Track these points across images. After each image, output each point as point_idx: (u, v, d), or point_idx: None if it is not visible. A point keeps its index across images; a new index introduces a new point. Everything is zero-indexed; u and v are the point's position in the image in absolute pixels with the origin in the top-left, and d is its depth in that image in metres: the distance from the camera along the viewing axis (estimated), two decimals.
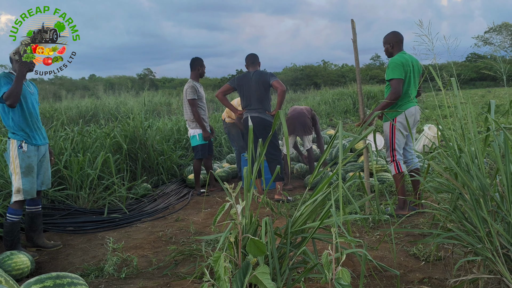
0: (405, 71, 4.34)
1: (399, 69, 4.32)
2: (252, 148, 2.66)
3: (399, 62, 4.34)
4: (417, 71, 4.47)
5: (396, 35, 4.57)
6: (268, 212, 4.96)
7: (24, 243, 4.05)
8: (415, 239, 3.71)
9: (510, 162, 2.28)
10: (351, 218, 2.28)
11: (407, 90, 4.40)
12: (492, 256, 2.23)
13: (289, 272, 2.29)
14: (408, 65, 4.37)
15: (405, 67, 4.34)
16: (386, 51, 4.66)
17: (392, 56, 4.57)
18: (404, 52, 4.52)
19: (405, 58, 4.40)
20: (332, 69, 48.75)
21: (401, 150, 4.51)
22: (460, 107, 2.62)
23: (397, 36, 4.57)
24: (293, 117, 6.76)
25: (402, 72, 4.32)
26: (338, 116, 17.30)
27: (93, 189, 5.43)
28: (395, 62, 4.36)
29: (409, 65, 4.38)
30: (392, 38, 4.57)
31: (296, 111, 6.90)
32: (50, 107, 13.50)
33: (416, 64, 4.46)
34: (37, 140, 3.91)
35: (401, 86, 4.33)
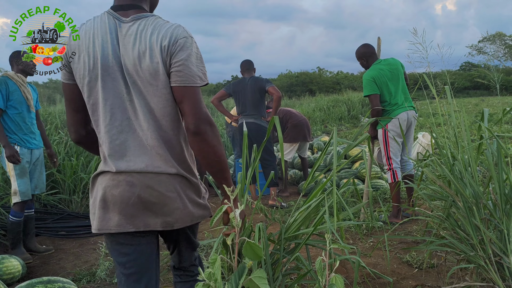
0: (379, 83, 4.36)
1: (371, 85, 4.36)
2: (246, 154, 2.66)
3: (370, 78, 4.37)
4: (397, 74, 4.46)
5: (367, 48, 4.60)
6: (262, 218, 4.95)
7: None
8: (408, 246, 3.72)
9: (503, 170, 2.29)
10: (344, 224, 2.28)
11: (390, 98, 4.41)
12: (485, 264, 2.24)
13: (282, 278, 2.28)
14: (383, 75, 4.38)
15: (378, 79, 4.36)
16: (361, 65, 4.69)
17: (368, 68, 4.59)
18: (379, 61, 4.53)
19: (378, 69, 4.41)
20: (327, 76, 48.86)
21: (397, 157, 4.50)
22: (453, 115, 2.64)
23: (368, 49, 4.59)
24: (301, 122, 6.60)
25: (375, 87, 4.36)
26: (332, 123, 17.36)
27: (86, 193, 5.40)
28: (366, 79, 4.40)
29: (384, 74, 4.39)
30: (364, 53, 4.60)
31: (301, 115, 6.78)
32: (44, 111, 13.42)
33: (394, 67, 4.46)
34: (31, 144, 3.90)
35: (378, 100, 4.36)
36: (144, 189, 1.61)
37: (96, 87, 1.63)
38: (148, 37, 1.57)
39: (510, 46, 54.86)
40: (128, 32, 1.60)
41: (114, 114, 1.62)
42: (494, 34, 54.21)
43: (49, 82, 34.87)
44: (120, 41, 1.60)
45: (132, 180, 1.61)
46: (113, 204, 1.62)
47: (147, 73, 1.58)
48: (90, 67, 1.63)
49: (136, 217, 1.63)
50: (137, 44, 1.58)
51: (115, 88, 1.61)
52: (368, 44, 4.62)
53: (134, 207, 1.62)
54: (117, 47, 1.60)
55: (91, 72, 1.62)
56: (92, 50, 1.63)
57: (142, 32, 1.58)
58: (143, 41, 1.57)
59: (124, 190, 1.61)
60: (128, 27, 1.61)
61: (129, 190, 1.60)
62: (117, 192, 1.61)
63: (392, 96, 4.41)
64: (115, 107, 1.61)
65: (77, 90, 1.70)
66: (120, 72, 1.61)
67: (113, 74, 1.61)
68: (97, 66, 1.61)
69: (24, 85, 3.86)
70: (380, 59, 4.56)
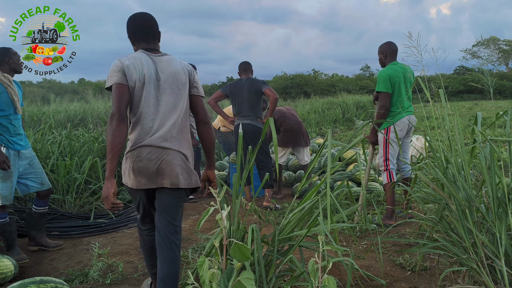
0: (393, 83, 4.41)
1: (386, 83, 4.40)
2: (241, 154, 2.65)
3: (386, 76, 4.41)
4: (409, 81, 4.53)
5: (390, 46, 4.64)
6: (256, 219, 4.95)
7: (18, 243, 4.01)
8: (401, 249, 3.73)
9: (496, 174, 2.31)
10: (338, 226, 2.29)
11: (396, 101, 4.45)
12: (477, 267, 2.25)
13: (275, 280, 2.29)
14: (398, 76, 4.43)
15: (393, 79, 4.40)
16: (379, 60, 4.74)
17: (384, 65, 4.63)
18: (396, 63, 4.58)
19: (395, 70, 4.46)
20: (322, 79, 49.02)
21: (394, 159, 4.55)
22: (447, 119, 2.66)
23: (391, 47, 4.64)
24: (293, 127, 6.35)
25: (389, 86, 4.40)
26: (327, 125, 17.39)
27: (79, 193, 5.38)
28: (383, 76, 4.43)
29: (399, 76, 4.44)
30: (386, 49, 4.64)
31: (295, 119, 6.46)
32: (38, 110, 13.36)
33: (408, 74, 4.51)
34: (18, 145, 3.85)
35: (388, 99, 4.41)
36: (162, 160, 2.46)
37: (141, 89, 2.48)
38: (177, 63, 2.63)
39: (504, 51, 55.26)
40: (161, 60, 2.59)
41: (149, 106, 2.48)
42: (488, 38, 54.66)
43: (43, 82, 34.67)
44: (157, 65, 2.55)
45: (154, 153, 2.45)
46: (143, 170, 2.47)
47: (180, 83, 2.57)
48: (140, 78, 2.47)
49: (154, 179, 2.49)
50: (172, 66, 2.58)
51: (151, 90, 2.49)
52: (392, 42, 4.68)
53: (155, 173, 2.47)
54: (155, 68, 2.54)
55: (139, 81, 2.47)
56: (140, 68, 2.49)
57: (171, 61, 2.62)
58: (174, 65, 2.60)
59: (150, 161, 2.45)
60: (160, 58, 2.60)
61: (152, 159, 2.45)
62: (145, 162, 2.45)
63: (400, 99, 4.46)
64: (151, 103, 2.49)
65: (128, 88, 2.46)
66: (156, 81, 2.52)
67: (152, 82, 2.50)
68: (143, 77, 2.48)
69: (11, 86, 3.77)
70: (397, 61, 4.61)
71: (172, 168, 2.45)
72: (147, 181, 2.46)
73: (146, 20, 2.67)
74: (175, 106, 2.51)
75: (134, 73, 2.44)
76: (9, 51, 3.83)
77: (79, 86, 36.43)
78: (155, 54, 2.59)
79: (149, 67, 2.50)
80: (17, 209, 4.74)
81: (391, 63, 4.58)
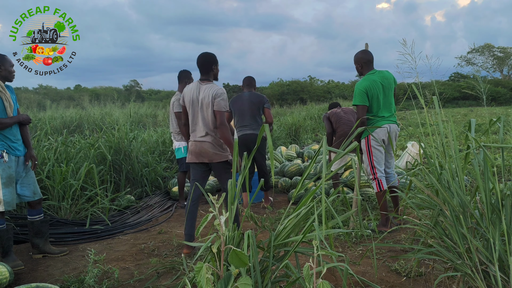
0: (370, 95, 4.43)
1: (362, 96, 4.42)
2: (244, 160, 2.67)
3: (362, 89, 4.43)
4: (388, 88, 4.52)
5: (365, 55, 4.63)
6: (252, 225, 4.96)
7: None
8: (396, 255, 3.74)
9: (489, 180, 2.33)
10: (333, 232, 2.30)
11: (377, 111, 4.47)
12: (471, 272, 2.26)
13: (271, 285, 2.29)
14: (375, 87, 4.43)
15: (370, 91, 4.42)
16: (357, 69, 4.75)
17: (362, 74, 4.64)
18: (374, 72, 4.57)
19: (372, 80, 4.46)
20: (318, 85, 49.14)
21: (381, 167, 4.53)
22: (441, 125, 2.68)
23: (366, 56, 4.62)
24: (346, 133, 5.83)
25: (365, 98, 4.42)
26: (323, 131, 17.42)
27: (75, 200, 5.37)
28: (359, 89, 4.45)
29: (377, 86, 4.44)
30: (361, 59, 4.63)
31: (349, 125, 5.87)
32: (34, 117, 13.34)
33: (387, 81, 4.52)
34: (18, 151, 3.86)
35: (365, 112, 4.44)
36: (202, 147, 4.04)
37: (191, 108, 4.08)
38: (209, 89, 3.99)
39: (498, 58, 55.62)
40: (203, 87, 4.05)
41: (194, 117, 4.09)
42: (483, 45, 55.01)
43: (39, 88, 34.63)
44: (200, 91, 4.04)
45: (198, 143, 4.06)
46: (193, 152, 4.10)
47: (206, 102, 3.98)
48: (189, 100, 4.09)
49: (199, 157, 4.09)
50: (205, 92, 4.00)
51: (195, 108, 4.06)
52: (367, 51, 4.67)
53: (198, 154, 4.07)
54: (197, 92, 4.05)
55: (188, 102, 4.10)
56: (189, 94, 4.08)
57: (207, 88, 4.02)
58: (207, 91, 3.99)
59: (196, 147, 4.07)
60: (203, 86, 4.06)
61: (197, 146, 4.06)
62: (193, 148, 4.09)
63: (379, 109, 4.46)
64: (196, 116, 4.08)
65: (186, 109, 4.17)
66: (197, 101, 4.04)
67: (195, 102, 4.05)
68: (191, 100, 4.07)
69: (3, 91, 3.77)
70: (375, 69, 4.59)
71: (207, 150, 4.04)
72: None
73: (204, 58, 4.11)
74: (204, 117, 4.03)
75: (186, 98, 4.12)
76: (3, 59, 3.83)
77: (75, 93, 36.40)
78: (203, 83, 4.08)
79: (194, 93, 4.05)
80: (12, 216, 4.73)
81: (368, 72, 4.58)
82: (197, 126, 4.06)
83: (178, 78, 6.13)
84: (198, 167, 4.17)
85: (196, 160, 4.11)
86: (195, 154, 4.10)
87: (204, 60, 4.09)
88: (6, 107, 3.76)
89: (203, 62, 4.08)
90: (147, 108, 20.20)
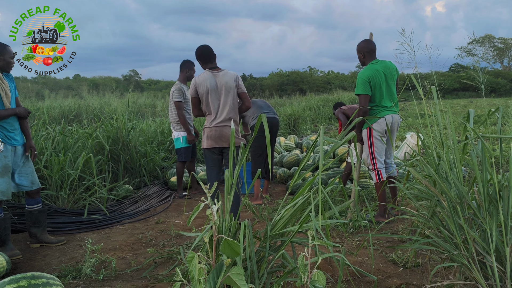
0: (373, 84, 4.39)
1: (365, 85, 4.39)
2: (234, 151, 2.65)
3: (365, 78, 4.39)
4: (391, 77, 4.49)
5: (368, 44, 4.60)
6: (250, 215, 4.96)
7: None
8: (394, 245, 3.75)
9: (487, 171, 2.32)
10: (329, 222, 2.29)
11: (380, 100, 4.44)
12: (468, 263, 2.26)
13: (267, 275, 2.29)
14: (378, 76, 4.40)
15: (373, 80, 4.39)
16: (359, 59, 4.71)
17: (364, 64, 4.61)
18: (376, 61, 4.54)
19: (374, 70, 4.43)
20: (318, 76, 49.00)
21: (381, 157, 4.52)
22: (439, 116, 2.66)
23: (369, 45, 4.59)
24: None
25: (368, 88, 4.39)
26: (322, 122, 17.42)
27: (73, 189, 5.36)
28: (362, 78, 4.42)
29: (379, 76, 4.41)
30: (364, 48, 4.60)
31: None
32: (33, 106, 13.29)
33: (390, 70, 4.49)
34: (15, 141, 3.84)
35: (367, 101, 4.41)
36: (222, 132, 4.22)
37: (210, 97, 4.22)
38: (228, 76, 4.27)
39: (499, 49, 55.43)
40: (219, 75, 4.27)
41: (214, 105, 4.23)
42: (484, 36, 54.78)
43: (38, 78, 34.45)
44: (216, 79, 4.24)
45: (218, 128, 4.22)
46: (213, 137, 4.23)
47: (229, 87, 4.23)
48: (205, 90, 4.20)
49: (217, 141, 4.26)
50: (225, 78, 4.25)
51: (213, 95, 4.22)
52: (370, 40, 4.63)
53: (217, 138, 4.23)
54: (215, 81, 4.23)
55: (205, 92, 4.21)
56: (205, 84, 4.21)
57: (226, 75, 4.27)
58: (226, 77, 4.26)
59: (216, 132, 4.21)
60: (218, 74, 4.27)
61: (217, 131, 4.21)
62: (213, 133, 4.22)
63: (382, 99, 4.43)
64: (214, 102, 4.23)
65: (198, 99, 4.30)
66: (216, 89, 4.23)
67: (214, 90, 4.22)
68: (208, 89, 4.20)
69: (1, 79, 3.75)
70: (377, 59, 4.57)
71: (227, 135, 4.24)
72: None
73: (207, 49, 4.33)
74: (228, 102, 4.24)
75: (201, 88, 4.23)
76: (4, 49, 3.79)
77: (74, 82, 36.23)
78: (216, 71, 4.30)
79: (210, 82, 4.22)
80: (10, 205, 4.72)
81: (370, 62, 4.55)
82: (218, 112, 4.22)
83: (180, 67, 6.10)
84: (214, 153, 4.32)
85: (216, 144, 4.22)
86: (214, 139, 4.22)
87: (209, 51, 4.32)
88: (2, 97, 3.74)
89: (209, 52, 4.31)
90: (146, 98, 20.15)
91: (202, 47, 4.34)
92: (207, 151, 4.33)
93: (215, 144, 4.22)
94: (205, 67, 4.34)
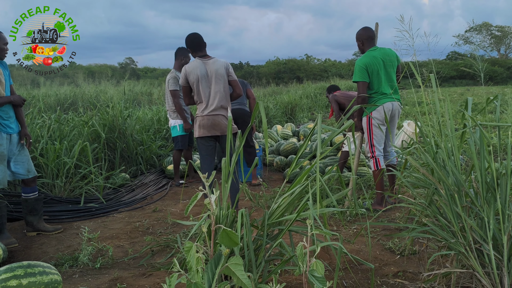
0: (370, 71, 4.36)
1: (362, 72, 4.36)
2: (231, 139, 2.64)
3: (362, 65, 4.37)
4: (390, 65, 4.46)
5: (366, 32, 4.56)
6: (247, 203, 4.96)
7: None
8: (391, 233, 3.75)
9: (485, 159, 2.31)
10: (327, 211, 2.29)
11: (378, 87, 4.41)
12: (465, 251, 2.26)
13: (265, 264, 2.29)
14: (375, 63, 4.37)
15: (370, 67, 4.35)
16: (358, 47, 4.69)
17: (364, 52, 4.58)
18: (375, 48, 4.51)
19: (372, 56, 4.40)
20: (315, 64, 48.80)
21: (380, 146, 4.51)
22: (438, 104, 2.65)
23: (367, 33, 4.56)
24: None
25: (365, 75, 4.36)
26: (319, 110, 17.40)
27: (69, 178, 5.34)
28: (359, 65, 4.39)
29: (377, 63, 4.37)
30: (362, 35, 4.57)
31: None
32: (28, 94, 13.20)
33: (389, 57, 4.45)
34: (10, 129, 3.81)
35: (365, 88, 4.38)
36: (214, 120, 4.19)
37: (200, 85, 4.17)
38: (218, 63, 4.23)
39: (496, 36, 55.30)
40: (209, 62, 4.23)
41: (205, 93, 4.19)
42: (481, 24, 54.60)
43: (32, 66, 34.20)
44: (206, 67, 4.20)
45: (210, 117, 4.18)
46: (205, 126, 4.20)
47: (219, 75, 4.20)
48: (196, 78, 4.16)
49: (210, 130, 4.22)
50: (215, 66, 4.21)
51: (204, 83, 4.18)
52: (368, 27, 4.59)
53: (210, 127, 4.20)
54: (205, 68, 4.19)
55: (196, 80, 4.17)
56: (195, 72, 4.16)
57: (215, 63, 4.23)
58: (217, 65, 4.22)
59: (209, 121, 4.18)
60: (208, 62, 4.23)
61: (209, 120, 4.18)
62: (205, 122, 4.19)
63: (380, 86, 4.40)
64: (205, 90, 4.19)
65: (189, 87, 4.28)
66: (206, 77, 4.18)
67: (204, 78, 4.17)
68: (198, 77, 4.16)
69: None
70: (376, 46, 4.53)
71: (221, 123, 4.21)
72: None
73: (198, 37, 4.29)
74: (219, 90, 4.21)
75: (191, 76, 4.19)
76: None
77: (70, 70, 35.94)
78: (206, 58, 4.26)
79: (200, 70, 4.18)
80: (6, 193, 4.70)
81: (369, 49, 4.53)
82: (209, 100, 4.18)
83: (175, 54, 6.04)
84: (207, 142, 4.31)
85: (208, 133, 4.20)
86: (207, 127, 4.20)
87: (200, 39, 4.29)
88: None
89: (199, 40, 4.28)
90: (142, 86, 20.05)
91: (192, 35, 4.31)
92: (200, 140, 4.31)
93: (208, 133, 4.21)
94: (195, 55, 4.31)
